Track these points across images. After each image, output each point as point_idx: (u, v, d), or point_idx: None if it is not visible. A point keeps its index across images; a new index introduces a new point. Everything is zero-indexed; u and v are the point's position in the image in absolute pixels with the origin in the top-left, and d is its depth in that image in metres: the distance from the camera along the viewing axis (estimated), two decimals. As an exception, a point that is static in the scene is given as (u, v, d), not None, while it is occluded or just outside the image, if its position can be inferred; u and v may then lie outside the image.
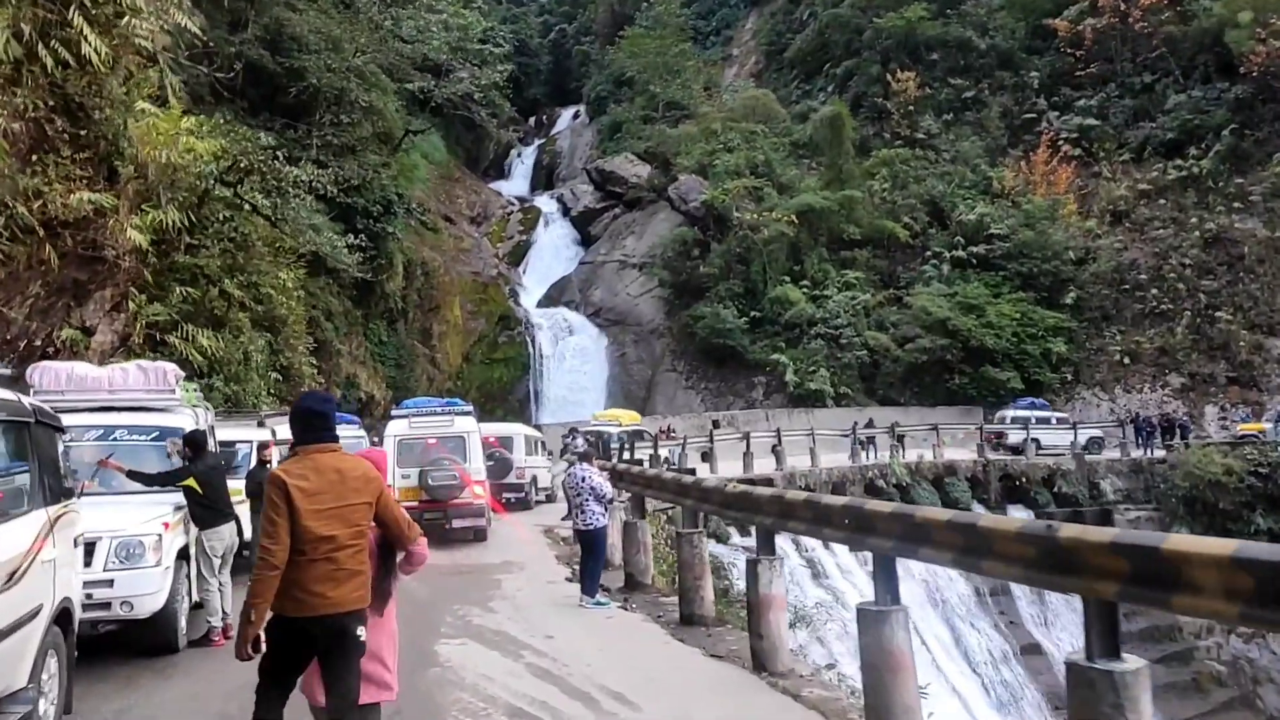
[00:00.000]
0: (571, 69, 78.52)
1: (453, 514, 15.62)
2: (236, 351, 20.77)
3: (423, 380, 43.62)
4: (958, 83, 49.00)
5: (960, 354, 39.00)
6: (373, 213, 38.36)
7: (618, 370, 45.92)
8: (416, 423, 16.80)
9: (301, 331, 24.69)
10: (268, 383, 21.88)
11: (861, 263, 43.96)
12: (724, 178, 46.04)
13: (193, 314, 20.61)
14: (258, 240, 22.71)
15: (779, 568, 7.58)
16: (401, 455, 15.96)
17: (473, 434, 16.77)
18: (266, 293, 22.56)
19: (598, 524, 10.29)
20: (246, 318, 21.65)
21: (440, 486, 15.48)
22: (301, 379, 23.34)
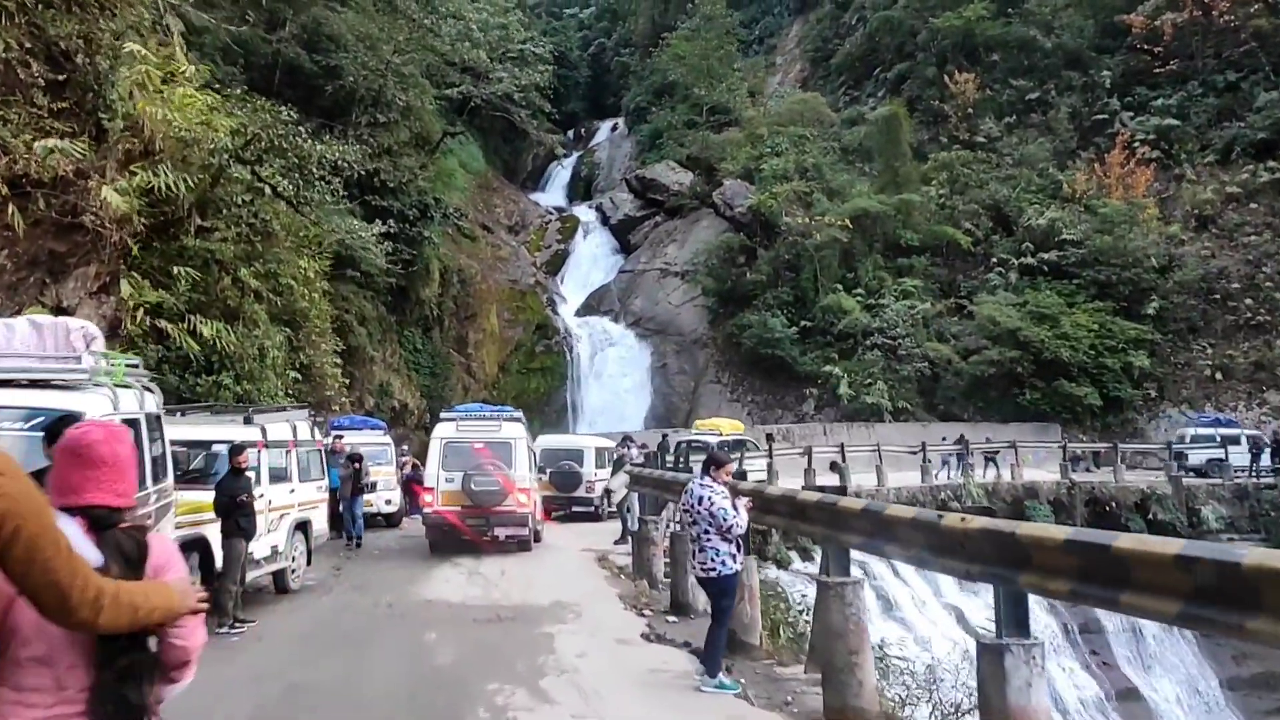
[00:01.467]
0: (610, 83, 76.24)
1: (495, 521, 14.89)
2: (251, 346, 18.12)
3: (458, 389, 41.02)
4: (1020, 84, 45.85)
5: (1032, 367, 35.69)
6: (409, 216, 36.02)
7: (659, 381, 43.04)
8: (464, 426, 16.01)
9: (325, 328, 22.01)
10: (285, 382, 19.21)
11: (919, 270, 40.85)
12: (771, 182, 43.14)
13: (204, 304, 18.07)
14: (279, 227, 20.06)
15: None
16: (447, 459, 15.29)
17: (520, 440, 15.84)
18: (286, 283, 19.93)
19: (726, 569, 7.06)
20: (263, 310, 19.02)
21: (482, 492, 14.72)
22: (324, 380, 20.64)
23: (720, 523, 6.91)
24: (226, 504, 8.66)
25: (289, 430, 11.24)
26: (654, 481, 11.25)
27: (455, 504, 14.77)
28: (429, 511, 15.21)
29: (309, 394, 20.33)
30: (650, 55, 61.80)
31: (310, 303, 20.29)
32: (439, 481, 14.93)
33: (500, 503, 14.73)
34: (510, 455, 15.38)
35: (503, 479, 14.76)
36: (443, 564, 13.52)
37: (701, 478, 7.16)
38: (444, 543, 15.06)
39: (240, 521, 8.83)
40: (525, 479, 15.30)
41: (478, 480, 14.68)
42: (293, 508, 11.02)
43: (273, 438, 10.56)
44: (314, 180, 20.20)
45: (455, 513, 14.79)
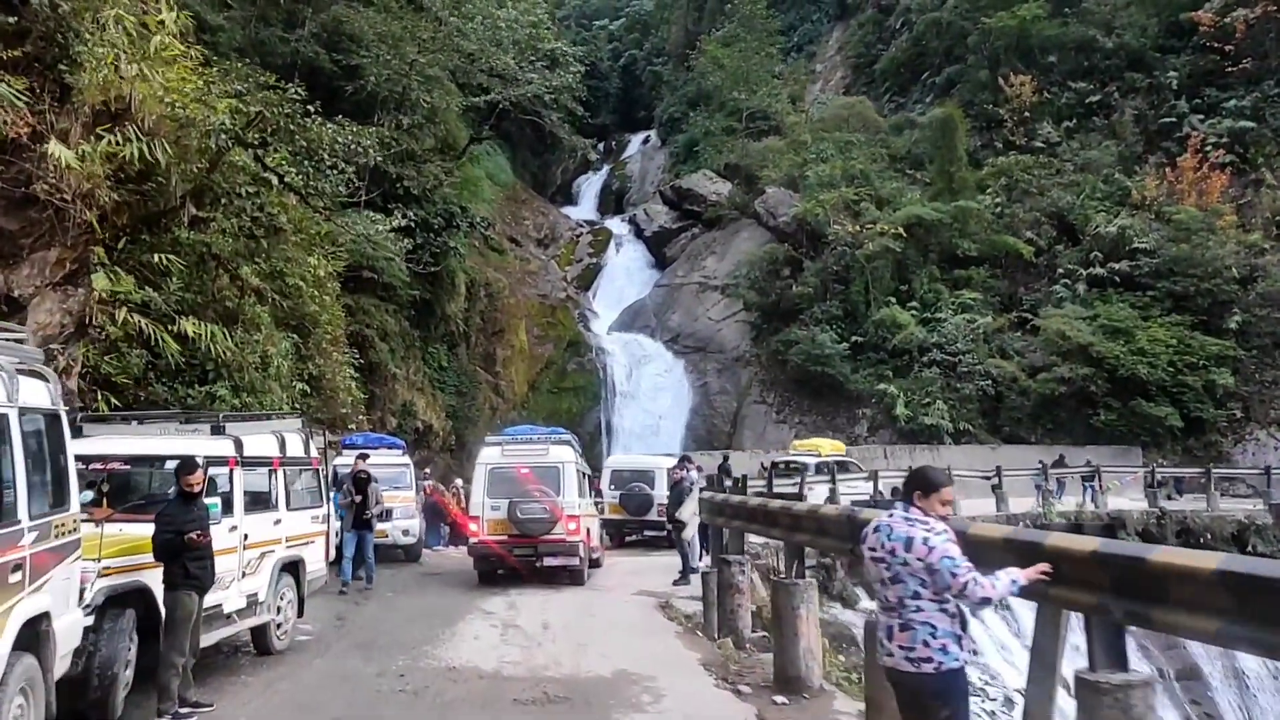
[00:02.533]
0: (640, 97, 74.31)
1: (543, 550, 14.26)
2: (251, 353, 15.84)
3: (485, 409, 38.78)
4: (1080, 86, 43.21)
5: (1106, 385, 32.89)
6: (433, 225, 33.96)
7: (699, 401, 40.55)
8: (510, 450, 15.39)
9: (339, 335, 19.73)
10: (292, 394, 16.89)
11: (978, 282, 38.19)
12: (817, 189, 40.73)
13: (198, 304, 15.84)
14: (286, 221, 17.82)
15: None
16: (492, 485, 14.75)
17: (568, 465, 15.03)
18: (294, 284, 17.68)
19: (949, 659, 4.40)
20: (267, 313, 16.76)
21: (529, 520, 14.10)
22: (336, 393, 18.31)
23: (944, 581, 4.29)
24: (170, 542, 6.28)
25: (274, 444, 8.92)
26: (753, 513, 8.65)
27: (502, 533, 14.23)
28: (475, 541, 14.62)
29: (319, 409, 18.03)
30: (686, 64, 59.76)
31: (321, 306, 18.03)
32: (485, 509, 14.37)
33: (548, 531, 14.03)
34: (558, 481, 14.58)
35: (551, 506, 14.06)
36: (471, 612, 11.10)
37: (905, 509, 4.58)
38: (489, 572, 14.59)
39: (190, 567, 6.48)
40: (575, 506, 14.47)
41: (524, 508, 14.02)
42: (279, 543, 8.67)
43: (251, 453, 8.25)
44: (325, 169, 17.96)
45: (502, 542, 14.25)
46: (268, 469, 8.67)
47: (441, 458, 36.30)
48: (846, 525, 6.63)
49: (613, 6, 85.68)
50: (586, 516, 15.58)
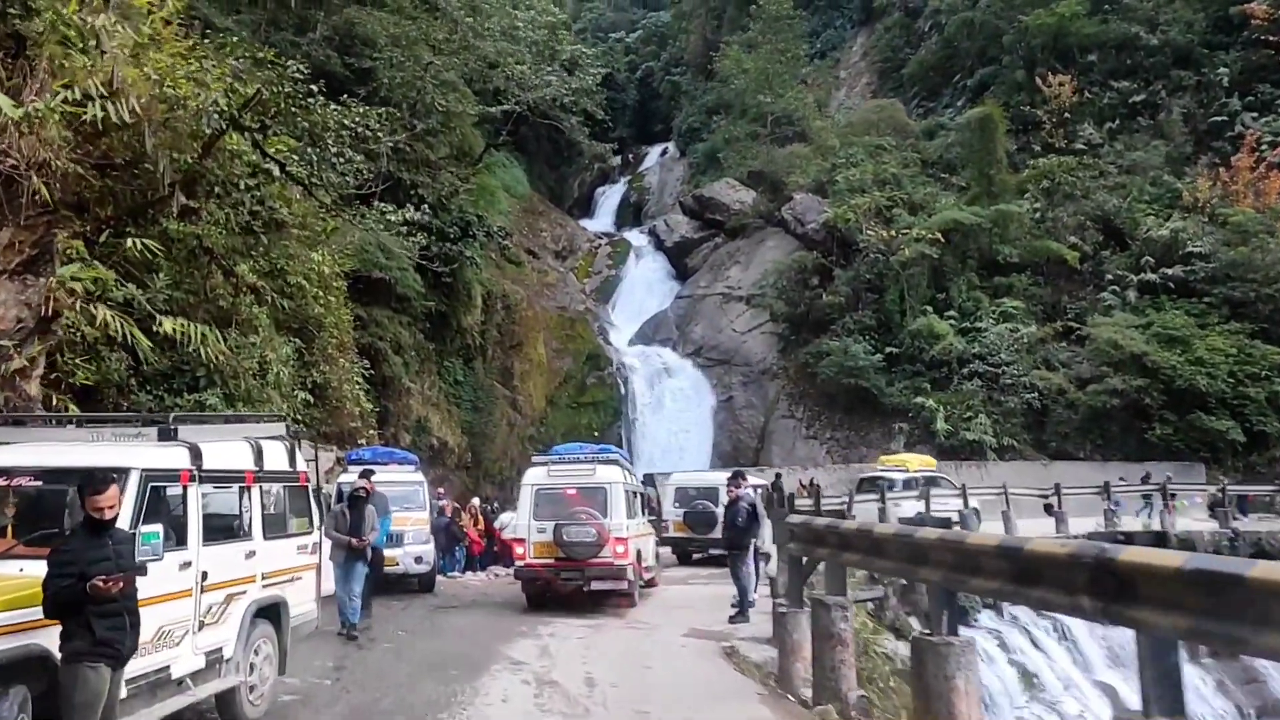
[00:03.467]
0: (657, 110, 72.83)
1: (590, 574, 13.79)
2: (247, 358, 14.11)
3: (502, 425, 37.04)
4: (1122, 85, 41.42)
5: (1162, 397, 30.85)
6: (449, 234, 32.39)
7: (724, 417, 38.69)
8: (555, 471, 14.82)
9: (346, 341, 17.98)
10: (293, 404, 15.12)
11: (1019, 290, 36.21)
12: (846, 195, 38.93)
13: (188, 303, 14.16)
14: (288, 215, 16.09)
15: None
16: (539, 507, 14.30)
17: (616, 485, 14.41)
18: (296, 283, 15.93)
19: None
20: (265, 314, 15.05)
21: (575, 544, 13.64)
22: (343, 404, 16.52)
23: None
24: (67, 591, 4.47)
25: (246, 454, 7.10)
26: (879, 545, 6.43)
27: (548, 556, 13.78)
28: (521, 564, 14.18)
29: (324, 421, 16.26)
30: (705, 73, 58.26)
31: (326, 308, 16.29)
32: (530, 532, 13.95)
33: (595, 554, 13.56)
34: (605, 502, 14.03)
35: (598, 528, 13.55)
36: (496, 660, 9.21)
37: None
38: (538, 595, 14.18)
39: (97, 627, 4.60)
40: (623, 527, 13.84)
41: (569, 531, 13.56)
42: (252, 582, 6.85)
43: (214, 465, 6.48)
44: (331, 157, 16.25)
45: (549, 565, 13.80)
46: (237, 486, 6.90)
47: (457, 476, 34.66)
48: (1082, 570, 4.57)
49: (629, 20, 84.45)
50: (637, 538, 14.80)
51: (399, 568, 14.10)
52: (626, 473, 15.51)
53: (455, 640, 10.44)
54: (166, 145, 14.55)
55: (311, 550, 7.89)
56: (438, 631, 11.12)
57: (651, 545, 16.58)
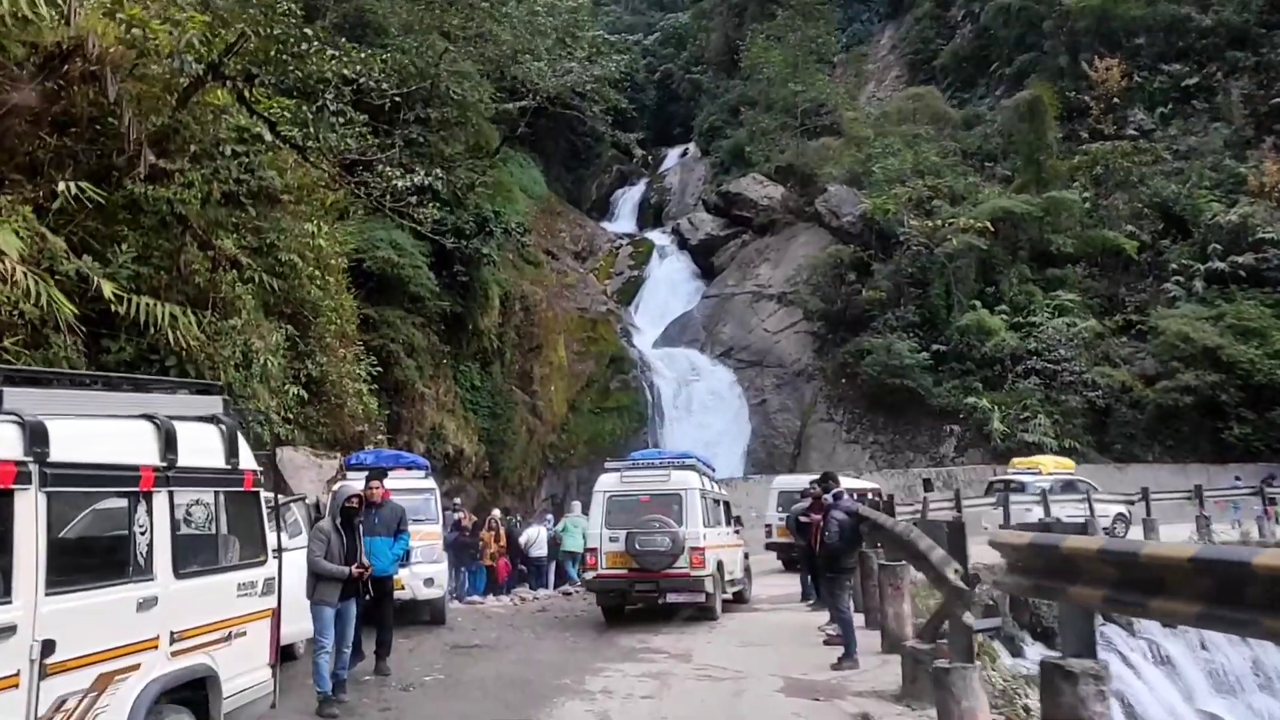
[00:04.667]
0: (675, 113, 70.44)
1: (665, 585, 13.10)
2: (229, 345, 11.70)
3: (521, 432, 34.56)
4: (1174, 69, 38.82)
5: (1239, 394, 28.15)
6: (465, 230, 30.00)
7: (758, 421, 36.11)
8: (629, 477, 14.10)
9: (350, 333, 15.56)
10: (283, 400, 12.66)
11: (1073, 282, 33.56)
12: (884, 185, 36.42)
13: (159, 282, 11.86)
14: (280, 185, 13.71)
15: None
16: (611, 515, 13.63)
17: (691, 492, 13.51)
18: (289, 261, 13.52)
19: None
20: (251, 295, 12.65)
21: (648, 554, 12.84)
22: (343, 399, 14.07)
23: None
24: None
25: (144, 441, 4.65)
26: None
27: (621, 566, 13.05)
28: (593, 575, 13.46)
29: (321, 421, 13.81)
30: (730, 67, 55.90)
31: (324, 290, 13.86)
32: (603, 541, 13.29)
33: (670, 565, 12.70)
34: (680, 509, 13.10)
35: (673, 538, 12.67)
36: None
37: None
38: (615, 609, 13.53)
39: None
40: (699, 537, 12.91)
41: (642, 540, 12.77)
42: (150, 649, 4.34)
43: (71, 456, 4.03)
44: (330, 117, 13.86)
45: (622, 576, 13.06)
46: (123, 490, 4.41)
47: (475, 486, 32.23)
48: None
49: (646, 23, 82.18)
50: (719, 548, 13.78)
51: (405, 593, 11.48)
52: (706, 479, 14.35)
53: (479, 701, 7.90)
54: (134, 96, 12.23)
55: (264, 590, 5.38)
56: (454, 687, 8.47)
57: (739, 557, 15.35)
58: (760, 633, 11.53)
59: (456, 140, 32.99)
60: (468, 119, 31.51)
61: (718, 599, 13.30)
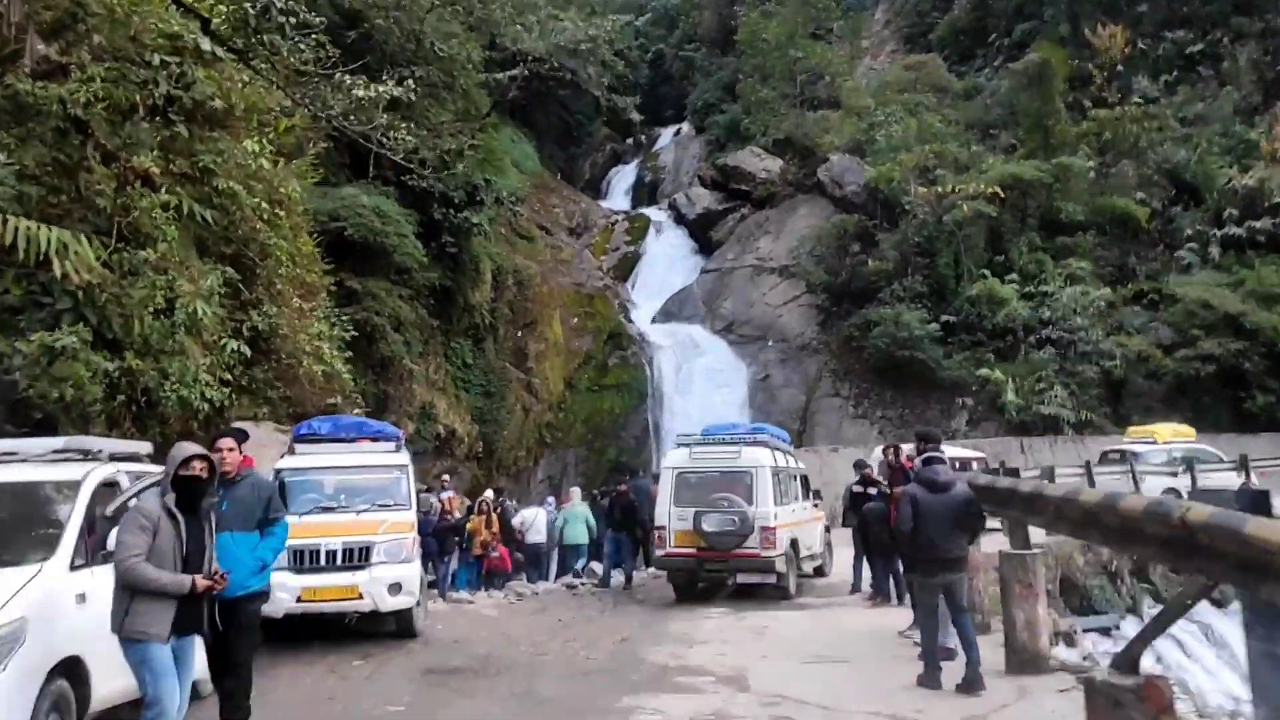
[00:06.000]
0: (668, 94, 67.43)
1: (735, 566, 12.23)
2: (145, 287, 8.90)
3: (516, 410, 31.86)
4: (1177, 35, 36.24)
5: (1264, 363, 25.64)
6: (453, 200, 27.34)
7: (761, 397, 33.50)
8: (698, 453, 12.96)
9: (314, 282, 12.76)
10: (219, 357, 9.85)
11: (1084, 250, 30.96)
12: (888, 153, 33.72)
13: (59, 208, 9.14)
14: (219, 103, 10.87)
15: None
16: (679, 492, 12.58)
17: (763, 468, 12.33)
18: (229, 190, 10.72)
19: None
20: (175, 228, 9.85)
21: (716, 534, 11.88)
22: (296, 361, 11.28)
23: None
24: None
25: None
26: None
27: (689, 545, 12.35)
28: (661, 554, 12.82)
29: (270, 386, 11.02)
30: (723, 44, 52.99)
31: (272, 227, 11.06)
32: (671, 519, 12.53)
33: (739, 545, 11.99)
34: (750, 488, 12.24)
35: (742, 517, 11.92)
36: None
37: None
38: (687, 586, 12.94)
39: None
40: (770, 515, 12.09)
41: (710, 519, 12.06)
42: None
43: None
44: (277, 15, 11.03)
45: (690, 555, 12.39)
46: None
47: (468, 467, 29.59)
48: None
49: (636, 3, 79.08)
50: (792, 525, 12.92)
51: (364, 603, 8.85)
52: (780, 454, 13.42)
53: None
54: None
55: None
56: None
57: (818, 532, 14.55)
58: (825, 640, 8.86)
59: (443, 110, 30.20)
60: (454, 80, 28.65)
61: (791, 579, 12.40)
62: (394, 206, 24.61)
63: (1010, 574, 6.86)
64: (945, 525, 7.15)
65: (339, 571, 8.88)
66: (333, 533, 8.94)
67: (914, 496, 7.36)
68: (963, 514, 7.16)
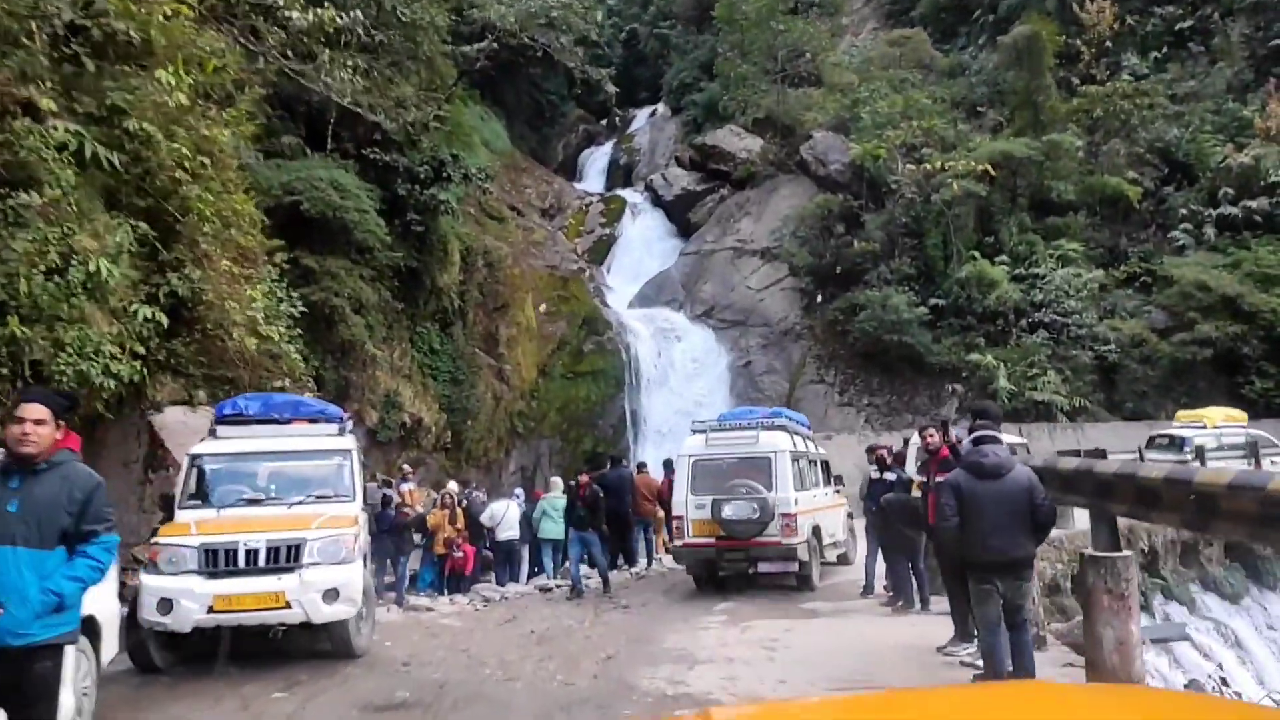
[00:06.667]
0: (642, 75, 65.72)
1: (755, 554, 11.77)
2: (36, 243, 7.31)
3: (487, 399, 30.39)
4: (1167, 11, 35.25)
5: (1262, 346, 24.74)
6: (419, 176, 25.79)
7: (743, 384, 32.25)
8: (715, 439, 12.58)
9: (252, 247, 11.19)
10: (130, 326, 8.26)
11: (1075, 231, 29.92)
12: (872, 131, 32.48)
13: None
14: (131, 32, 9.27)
15: None
16: (696, 480, 12.27)
17: (782, 454, 11.99)
18: (143, 133, 9.11)
19: None
20: (74, 175, 8.26)
21: (735, 522, 11.58)
22: (225, 333, 9.73)
23: None
24: None
25: None
26: None
27: (708, 534, 11.85)
28: (679, 543, 12.31)
29: (195, 361, 9.47)
30: (699, 22, 51.41)
31: (197, 180, 9.50)
32: (688, 508, 12.02)
33: (759, 533, 11.46)
34: (769, 474, 11.78)
35: (762, 504, 11.39)
36: None
37: None
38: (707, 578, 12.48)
39: None
40: (791, 502, 11.60)
41: (728, 507, 11.53)
42: None
43: None
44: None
45: (709, 545, 11.89)
46: None
47: (435, 458, 28.11)
48: None
49: (609, -17, 77.31)
50: (815, 511, 12.58)
51: (292, 612, 7.37)
52: (799, 439, 13.11)
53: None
54: None
55: None
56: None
57: (841, 518, 14.32)
58: (850, 658, 7.52)
59: (407, 77, 28.53)
60: (418, 48, 26.97)
61: (814, 567, 12.11)
62: (354, 180, 23.12)
63: (1097, 581, 5.58)
64: (1001, 519, 5.86)
65: (261, 575, 7.42)
66: (256, 528, 7.52)
67: (957, 485, 6.08)
68: (1024, 505, 5.86)
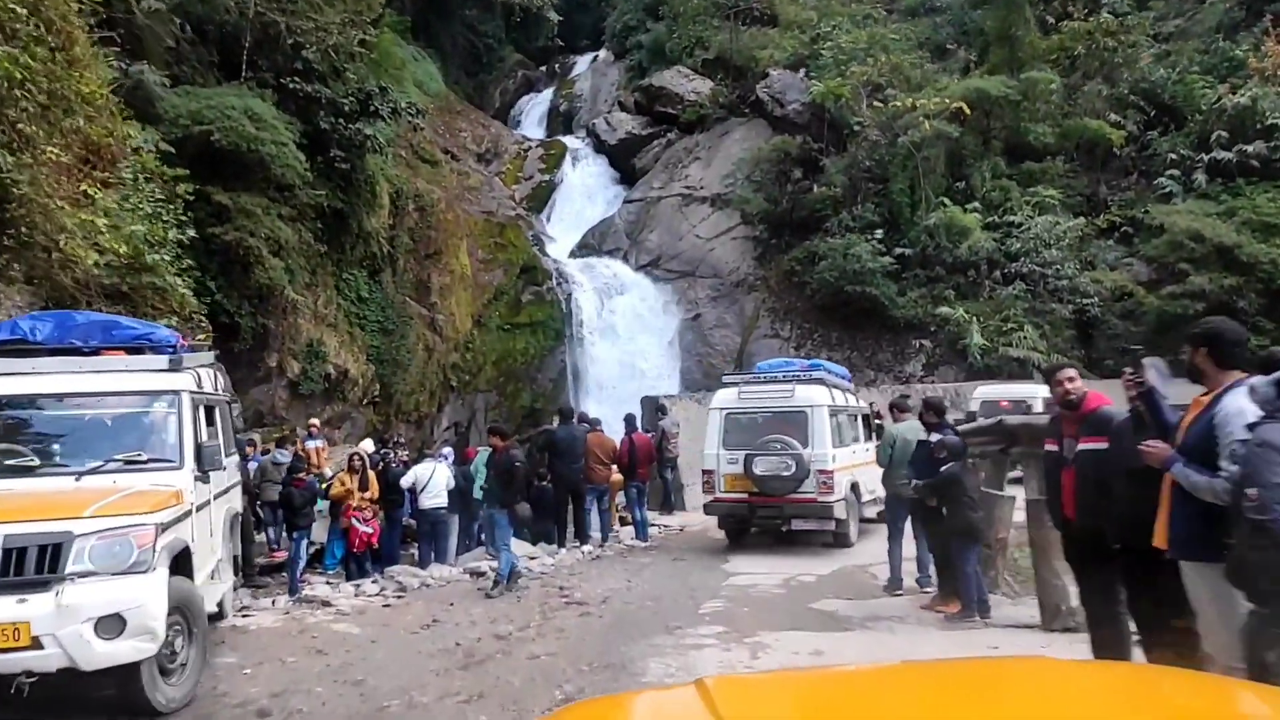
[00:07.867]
0: (584, 23, 62.05)
1: (790, 512, 11.40)
2: None
3: (418, 350, 27.60)
4: (1148, -52, 33.20)
5: (1261, 300, 23.04)
6: (344, 109, 22.77)
7: (691, 338, 29.84)
8: (747, 392, 12.13)
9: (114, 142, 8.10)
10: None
11: (1053, 177, 27.91)
12: (833, 68, 30.00)
13: None
14: None
15: None
16: (729, 434, 11.91)
17: (819, 408, 11.53)
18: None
19: None
20: None
21: (767, 477, 11.18)
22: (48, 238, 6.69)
23: None
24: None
25: None
26: None
27: (741, 490, 11.51)
28: (711, 499, 11.85)
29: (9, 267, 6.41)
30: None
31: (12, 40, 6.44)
32: (720, 463, 11.63)
33: (793, 490, 11.09)
34: (805, 429, 11.19)
35: (796, 460, 10.95)
36: None
37: None
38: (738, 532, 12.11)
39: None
40: (827, 458, 11.10)
41: (761, 462, 11.13)
42: None
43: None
44: None
45: (742, 501, 11.54)
46: None
47: (363, 413, 25.41)
48: None
49: (551, -75, 73.06)
50: (853, 468, 11.86)
51: (38, 654, 4.47)
52: (838, 392, 12.61)
53: None
54: None
55: None
56: None
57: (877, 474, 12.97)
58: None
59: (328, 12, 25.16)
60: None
61: (852, 526, 11.75)
62: (272, 111, 20.32)
63: None
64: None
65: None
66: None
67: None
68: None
